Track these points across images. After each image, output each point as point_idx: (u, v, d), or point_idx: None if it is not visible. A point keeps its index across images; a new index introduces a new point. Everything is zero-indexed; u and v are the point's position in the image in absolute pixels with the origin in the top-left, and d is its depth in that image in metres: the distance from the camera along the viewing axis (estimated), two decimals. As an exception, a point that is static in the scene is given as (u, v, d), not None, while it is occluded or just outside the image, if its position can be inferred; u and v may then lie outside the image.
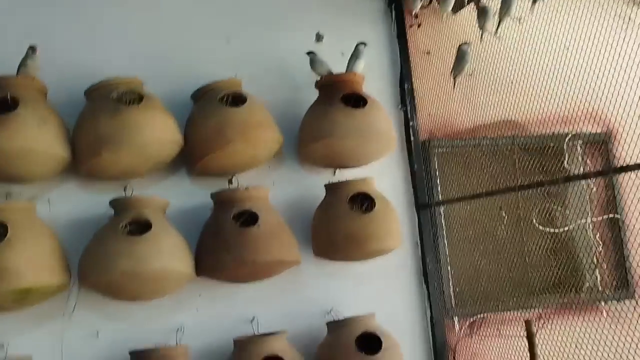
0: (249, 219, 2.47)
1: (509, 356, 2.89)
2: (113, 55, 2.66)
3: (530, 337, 2.27)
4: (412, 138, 3.11)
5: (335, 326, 2.63)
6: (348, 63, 2.80)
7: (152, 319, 2.55)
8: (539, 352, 2.32)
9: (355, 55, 2.78)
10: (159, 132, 2.35)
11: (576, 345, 2.64)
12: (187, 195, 2.70)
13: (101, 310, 2.48)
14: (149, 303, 2.52)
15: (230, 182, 2.74)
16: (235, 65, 2.81)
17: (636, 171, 2.00)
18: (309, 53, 2.81)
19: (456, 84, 2.93)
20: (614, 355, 2.37)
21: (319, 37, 3.06)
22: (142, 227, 2.32)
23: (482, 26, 2.74)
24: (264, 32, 2.98)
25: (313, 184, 2.91)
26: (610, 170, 2.71)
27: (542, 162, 3.22)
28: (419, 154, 3.11)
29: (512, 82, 2.90)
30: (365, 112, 2.63)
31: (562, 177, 2.42)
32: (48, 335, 2.40)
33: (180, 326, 2.57)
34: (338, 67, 2.92)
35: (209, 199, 2.65)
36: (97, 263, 2.22)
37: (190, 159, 2.57)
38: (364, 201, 2.67)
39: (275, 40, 3.00)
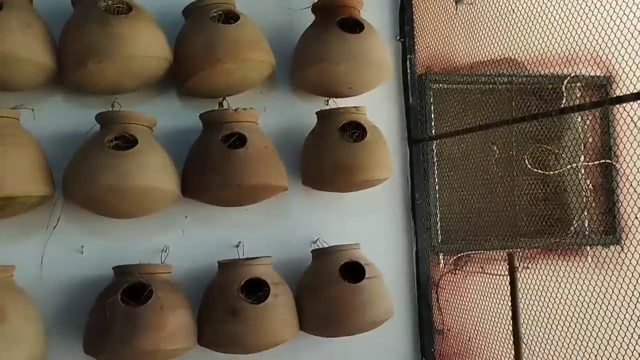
0: (238, 141, 2.43)
1: (490, 293, 2.92)
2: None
3: (512, 271, 2.27)
4: (408, 71, 3.04)
5: (320, 254, 2.63)
6: (347, -13, 2.70)
7: (138, 237, 2.55)
8: (519, 289, 2.32)
9: (355, -20, 2.68)
10: (148, 46, 2.27)
11: (557, 287, 2.66)
12: (176, 115, 2.65)
13: (86, 225, 2.48)
14: (134, 221, 2.50)
15: (220, 104, 2.67)
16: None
17: (632, 102, 1.95)
18: None
19: (457, 12, 2.83)
20: (595, 299, 2.39)
21: (319, -40, 2.93)
22: (128, 143, 2.28)
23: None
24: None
25: (305, 112, 2.85)
26: (606, 102, 2.64)
27: (539, 103, 3.17)
28: (414, 88, 3.04)
29: (513, 19, 2.80)
30: (361, 38, 2.55)
31: (556, 109, 2.35)
32: (30, 247, 2.39)
33: (165, 247, 2.56)
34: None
35: (197, 121, 2.60)
36: (81, 176, 2.18)
37: (179, 77, 2.50)
38: (355, 131, 2.62)
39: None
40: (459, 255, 3.09)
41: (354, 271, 2.57)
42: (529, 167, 3.13)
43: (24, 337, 2.06)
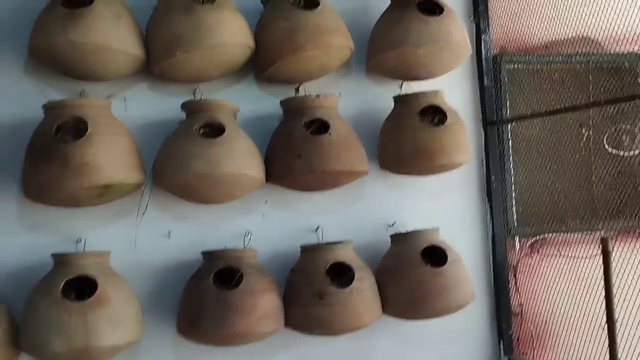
0: (320, 127, 2.45)
1: (569, 276, 2.88)
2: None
3: (605, 255, 2.23)
4: (482, 52, 2.99)
5: (400, 238, 2.64)
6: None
7: (220, 222, 2.60)
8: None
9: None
10: (234, 34, 2.30)
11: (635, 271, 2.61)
12: (253, 102, 2.67)
13: (172, 211, 2.53)
14: (217, 206, 2.56)
15: (296, 90, 2.70)
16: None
17: None
18: None
19: None
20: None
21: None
22: (214, 130, 2.32)
23: None
24: None
25: (379, 96, 2.85)
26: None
27: (616, 83, 3.08)
28: (489, 69, 3.00)
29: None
30: (441, 20, 2.53)
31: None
32: (122, 233, 2.46)
33: (247, 231, 2.61)
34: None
35: (275, 107, 2.63)
36: (173, 163, 2.23)
37: (259, 64, 2.52)
38: (435, 115, 2.60)
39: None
40: (536, 238, 3.06)
41: (434, 255, 2.57)
42: (607, 148, 3.06)
43: (124, 319, 2.14)
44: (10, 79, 2.35)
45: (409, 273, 2.50)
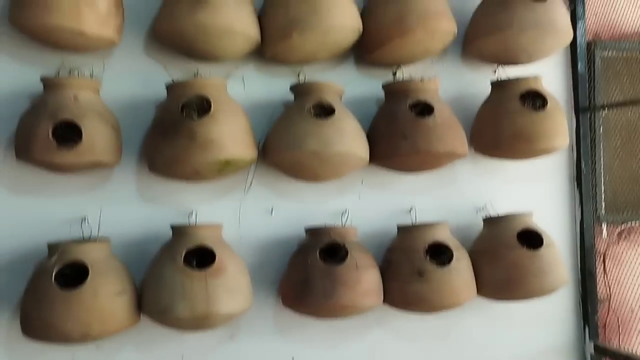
0: (423, 109, 2.51)
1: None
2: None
3: None
4: (577, 38, 2.99)
5: (494, 221, 2.68)
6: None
7: (319, 200, 2.69)
8: None
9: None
10: (346, 17, 2.37)
11: None
12: (353, 84, 2.73)
13: (275, 188, 2.63)
14: (316, 186, 2.65)
15: (394, 73, 2.76)
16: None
17: None
18: None
19: None
20: None
21: None
22: (324, 110, 2.40)
23: None
24: None
25: (473, 80, 2.90)
26: None
27: None
28: (582, 56, 3.00)
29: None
30: (547, 6, 2.54)
31: None
32: (228, 207, 2.57)
33: (345, 210, 2.70)
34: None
35: (374, 89, 2.70)
36: (287, 142, 2.32)
37: (365, 47, 2.59)
38: (535, 99, 2.63)
39: None
40: (624, 226, 3.07)
41: (528, 239, 2.61)
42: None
43: (239, 288, 2.25)
44: (132, 58, 2.47)
45: (505, 255, 2.55)
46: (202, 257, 2.26)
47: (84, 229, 2.35)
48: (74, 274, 2.10)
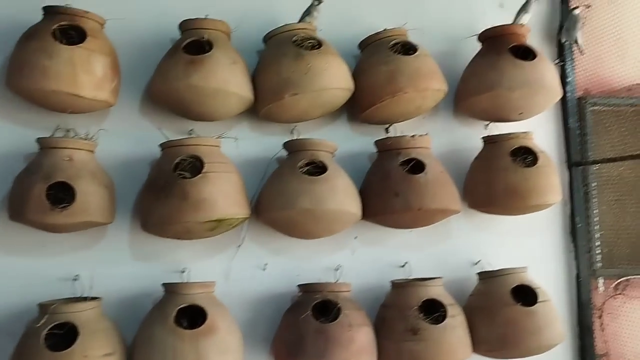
0: (415, 166, 2.53)
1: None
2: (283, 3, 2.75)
3: None
4: (567, 94, 3.05)
5: (488, 276, 2.67)
6: (517, 15, 2.78)
7: (313, 256, 2.68)
8: None
9: (524, 8, 2.76)
10: (338, 78, 2.42)
11: None
12: (346, 141, 2.75)
13: (268, 244, 2.64)
14: (309, 242, 2.65)
15: (387, 130, 2.80)
16: (395, 15, 2.83)
17: None
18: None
19: (581, 49, 2.95)
20: None
21: (478, -12, 3.03)
22: (316, 168, 2.43)
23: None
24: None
25: (465, 136, 2.94)
26: None
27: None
28: (573, 111, 3.05)
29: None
30: (535, 65, 2.60)
31: None
32: (221, 264, 2.57)
33: (338, 266, 2.69)
34: (498, 19, 2.90)
35: (366, 146, 2.73)
36: (280, 199, 2.34)
37: (358, 106, 2.63)
38: (527, 155, 2.66)
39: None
40: (620, 280, 3.05)
41: (523, 294, 2.60)
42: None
43: (230, 348, 2.23)
44: (128, 119, 2.51)
45: (500, 311, 2.53)
46: (195, 316, 2.24)
47: (76, 288, 2.35)
48: (66, 333, 2.09)
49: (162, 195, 2.19)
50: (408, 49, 2.58)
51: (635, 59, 3.00)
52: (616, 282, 3.07)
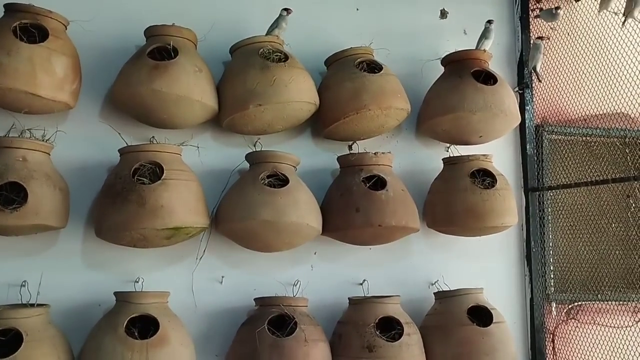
0: (376, 183, 2.55)
1: (604, 345, 2.92)
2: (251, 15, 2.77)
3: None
4: (526, 121, 3.13)
5: (445, 296, 2.69)
6: (478, 41, 2.86)
7: (271, 270, 2.66)
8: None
9: (484, 35, 2.84)
10: (303, 92, 2.43)
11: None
12: (309, 156, 2.76)
13: (227, 257, 2.60)
14: (268, 256, 2.63)
15: (350, 147, 2.82)
16: (361, 35, 2.87)
17: None
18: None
19: (539, 77, 3.06)
20: None
21: (443, 14, 3.10)
22: (278, 181, 2.42)
23: (628, 13, 2.71)
24: (391, 4, 3.04)
25: (426, 157, 2.98)
26: None
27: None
28: (531, 138, 3.13)
29: (624, 74, 2.89)
30: (495, 89, 2.67)
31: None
32: (178, 275, 2.52)
33: (296, 280, 2.67)
34: (461, 44, 2.98)
35: (329, 162, 2.74)
36: (240, 211, 2.31)
37: (322, 121, 2.64)
38: (485, 177, 2.71)
39: (402, 13, 3.05)
40: (573, 305, 3.11)
41: (478, 315, 2.62)
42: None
43: (182, 360, 2.17)
44: (87, 122, 2.46)
45: (456, 331, 2.54)
46: (146, 326, 2.19)
47: (22, 294, 2.26)
48: (10, 340, 2.01)
49: (118, 200, 2.14)
50: (373, 67, 2.62)
51: (591, 90, 3.10)
52: (569, 307, 3.12)
